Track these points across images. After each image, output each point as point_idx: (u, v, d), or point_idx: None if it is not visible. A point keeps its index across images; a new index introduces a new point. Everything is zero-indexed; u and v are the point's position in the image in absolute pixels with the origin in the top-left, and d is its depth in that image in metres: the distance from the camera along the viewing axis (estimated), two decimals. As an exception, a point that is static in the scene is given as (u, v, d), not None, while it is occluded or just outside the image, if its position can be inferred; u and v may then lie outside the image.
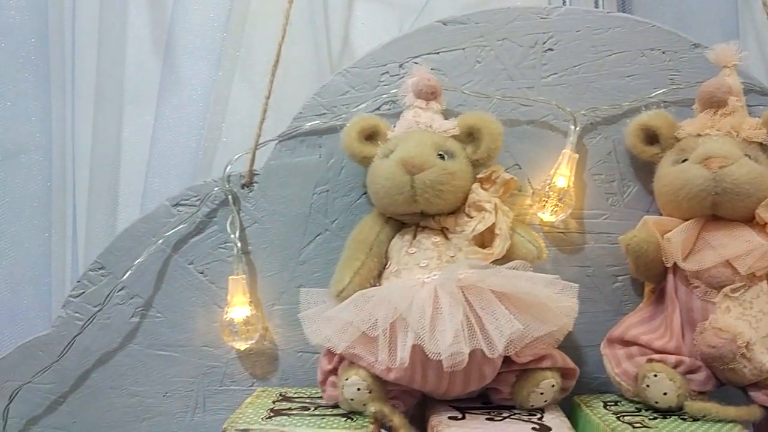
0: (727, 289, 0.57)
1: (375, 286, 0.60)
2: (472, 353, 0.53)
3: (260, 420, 0.55)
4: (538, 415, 0.56)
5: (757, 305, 0.57)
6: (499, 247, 0.57)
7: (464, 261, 0.56)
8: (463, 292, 0.54)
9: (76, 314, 0.71)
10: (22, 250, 0.78)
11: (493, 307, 0.53)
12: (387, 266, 0.61)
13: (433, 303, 0.53)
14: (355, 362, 0.56)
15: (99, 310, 0.70)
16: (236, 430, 0.53)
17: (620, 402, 0.61)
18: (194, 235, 0.72)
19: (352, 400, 0.55)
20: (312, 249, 0.71)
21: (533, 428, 0.53)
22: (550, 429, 0.53)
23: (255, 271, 0.71)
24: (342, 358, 0.57)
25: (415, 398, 0.59)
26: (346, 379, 0.55)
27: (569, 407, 0.63)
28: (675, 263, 0.60)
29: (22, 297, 0.77)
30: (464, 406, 0.59)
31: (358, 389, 0.55)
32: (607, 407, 0.59)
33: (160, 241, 0.70)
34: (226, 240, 0.71)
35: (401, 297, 0.54)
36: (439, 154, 0.60)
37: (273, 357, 0.71)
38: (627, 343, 0.61)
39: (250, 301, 0.69)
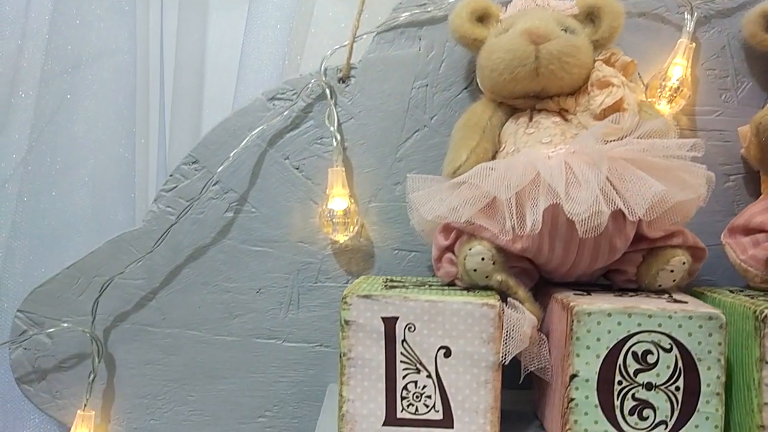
0: None
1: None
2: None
3: (380, 289, 0.53)
4: (667, 296, 0.54)
5: None
6: (628, 121, 0.54)
7: (591, 134, 0.54)
8: (612, 168, 0.51)
9: (168, 208, 0.69)
10: (106, 152, 0.77)
11: (630, 172, 0.50)
12: (501, 149, 0.59)
13: (566, 170, 0.51)
14: (476, 234, 0.54)
15: (191, 205, 0.69)
16: (357, 296, 0.51)
17: (745, 290, 0.59)
18: (290, 129, 0.70)
19: (474, 271, 0.53)
20: (410, 145, 0.69)
21: (667, 300, 0.51)
22: (686, 302, 0.51)
23: (351, 168, 0.69)
24: (460, 234, 0.55)
25: (532, 281, 0.57)
26: (470, 249, 0.53)
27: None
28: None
29: (107, 199, 0.76)
30: (586, 289, 0.57)
31: (483, 259, 0.52)
32: (734, 293, 0.57)
33: (255, 135, 0.68)
34: (321, 135, 0.69)
35: (529, 165, 0.52)
36: (562, 29, 0.57)
37: (368, 254, 0.69)
38: (751, 230, 0.58)
39: (350, 195, 0.67)
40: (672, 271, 0.54)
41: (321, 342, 0.69)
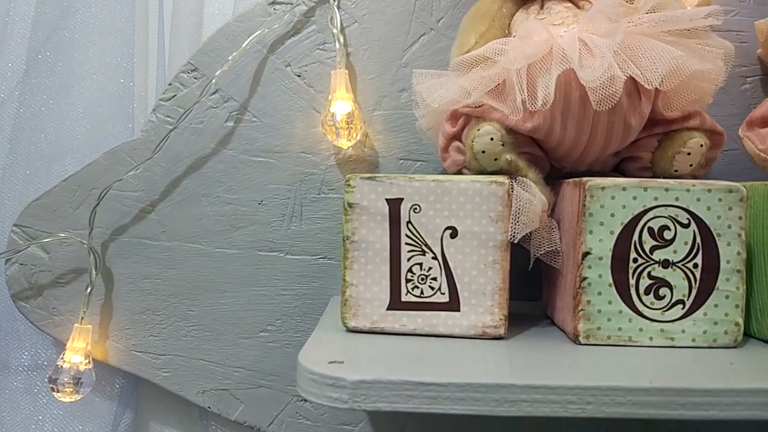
0: None
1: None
2: (616, 103, 0.49)
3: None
4: (684, 182, 0.51)
5: None
6: (642, 1, 0.52)
7: (602, 12, 0.51)
8: (627, 39, 0.49)
9: (168, 118, 0.67)
10: (104, 70, 0.75)
11: (645, 42, 0.48)
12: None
13: (579, 44, 0.49)
14: (486, 116, 0.51)
15: (190, 110, 0.66)
16: (361, 178, 0.49)
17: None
18: (291, 35, 0.68)
19: (483, 152, 0.51)
20: (415, 50, 0.67)
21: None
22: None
23: (355, 74, 0.67)
24: (468, 119, 0.53)
25: (543, 171, 0.54)
26: (478, 130, 0.51)
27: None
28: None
29: (105, 113, 0.74)
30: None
31: (492, 139, 0.50)
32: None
33: (255, 40, 0.66)
34: (324, 41, 0.67)
35: (542, 41, 0.50)
36: None
37: (373, 164, 0.67)
38: (766, 121, 0.56)
39: (354, 99, 0.65)
40: (689, 153, 0.51)
41: (324, 255, 0.67)
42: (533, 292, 0.62)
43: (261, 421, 0.68)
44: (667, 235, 0.47)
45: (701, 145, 0.51)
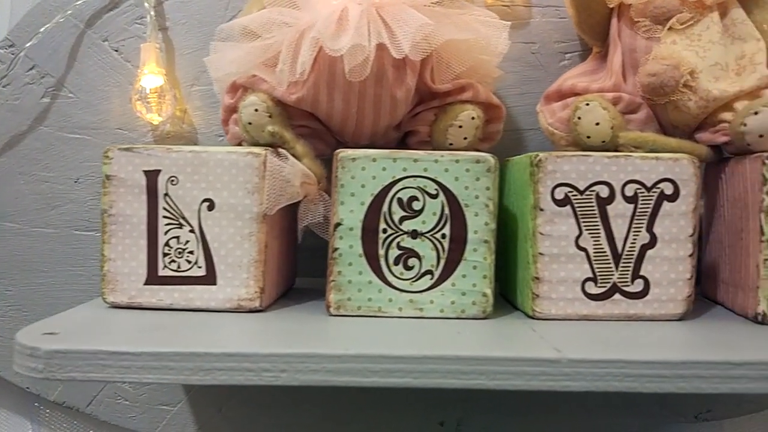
0: (673, 20, 0.51)
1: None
2: (381, 74, 0.48)
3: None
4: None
5: (707, 36, 0.51)
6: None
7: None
8: (377, 10, 0.48)
9: (-17, 94, 0.66)
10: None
11: (405, 13, 0.47)
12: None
13: (340, 14, 0.48)
14: (254, 87, 0.50)
15: (4, 87, 0.65)
16: (119, 149, 0.48)
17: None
18: (109, 9, 0.66)
19: (249, 124, 0.50)
20: (235, 25, 0.66)
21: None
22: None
23: (173, 49, 0.66)
24: (246, 91, 0.52)
25: (327, 145, 0.54)
26: (244, 101, 0.50)
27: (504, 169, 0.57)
28: (621, 7, 0.54)
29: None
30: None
31: (256, 110, 0.49)
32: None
33: (71, 14, 0.65)
34: (141, 15, 0.66)
35: (315, 10, 0.49)
36: None
37: (191, 140, 0.66)
38: (563, 94, 0.55)
39: (165, 73, 0.64)
40: (461, 126, 0.51)
41: (144, 233, 0.66)
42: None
43: (79, 401, 0.67)
44: (416, 205, 0.46)
45: (473, 118, 0.51)
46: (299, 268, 0.62)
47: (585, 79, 0.55)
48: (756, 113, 0.47)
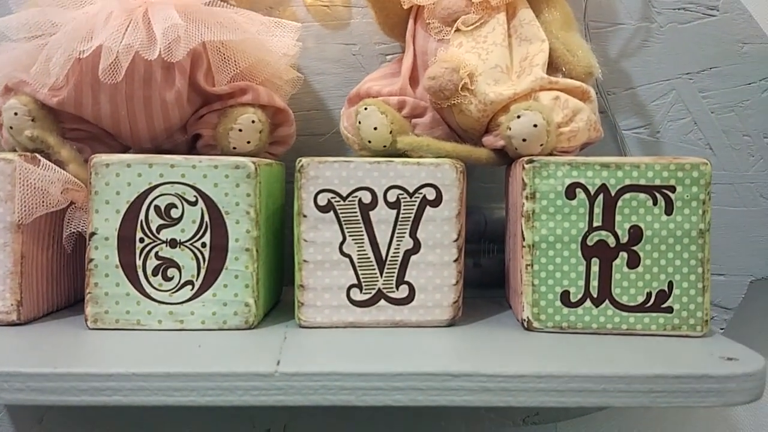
0: (459, 21, 0.51)
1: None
2: (149, 76, 0.47)
3: None
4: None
5: (491, 38, 0.51)
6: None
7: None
8: (147, 11, 0.47)
9: None
10: None
11: (164, 13, 0.46)
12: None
13: (99, 15, 0.46)
14: (18, 89, 0.48)
15: None
16: None
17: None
18: None
19: (11, 128, 0.48)
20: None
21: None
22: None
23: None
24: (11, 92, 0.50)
25: (110, 148, 0.52)
26: (4, 105, 0.48)
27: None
28: (418, 9, 0.54)
29: None
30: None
31: (16, 113, 0.47)
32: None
33: None
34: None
35: (80, 16, 0.47)
36: None
37: None
38: (362, 97, 0.54)
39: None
40: (241, 130, 0.50)
41: None
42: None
43: None
44: (175, 213, 0.45)
45: (253, 121, 0.50)
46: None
47: (382, 82, 0.54)
48: (519, 117, 0.46)
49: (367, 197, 0.45)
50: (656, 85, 0.63)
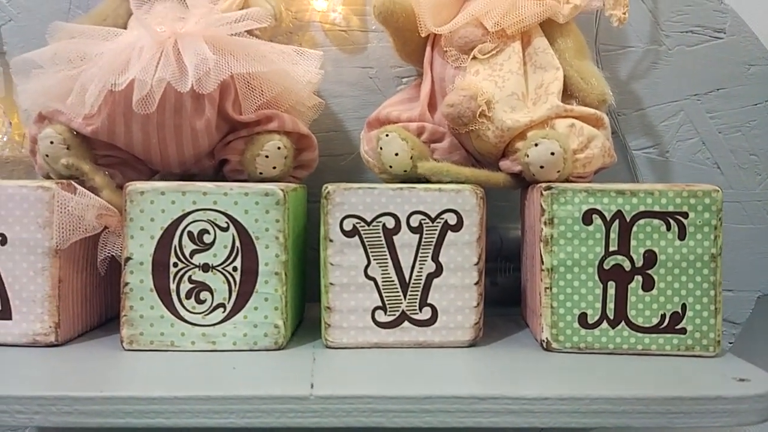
0: (476, 50, 0.53)
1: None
2: (180, 106, 0.49)
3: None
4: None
5: (507, 66, 0.53)
6: (227, 3, 0.52)
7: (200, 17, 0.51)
8: (176, 41, 0.49)
9: None
10: None
11: (195, 46, 0.48)
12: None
13: (134, 48, 0.48)
14: (52, 118, 0.50)
15: None
16: None
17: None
18: (-56, 33, 0.65)
19: (47, 156, 0.50)
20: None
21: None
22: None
23: (10, 76, 0.65)
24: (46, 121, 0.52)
25: (141, 173, 0.54)
26: (41, 134, 0.50)
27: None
28: (435, 36, 0.56)
29: None
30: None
31: (51, 142, 0.49)
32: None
33: None
34: (-20, 39, 0.65)
35: (113, 48, 0.49)
36: None
37: (30, 165, 0.65)
38: (382, 122, 0.56)
39: (3, 98, 0.63)
40: (267, 156, 0.51)
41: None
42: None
43: None
44: (207, 238, 0.47)
45: (278, 148, 0.52)
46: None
47: (400, 107, 0.56)
48: (536, 145, 0.48)
49: (390, 222, 0.47)
50: (665, 106, 0.65)
